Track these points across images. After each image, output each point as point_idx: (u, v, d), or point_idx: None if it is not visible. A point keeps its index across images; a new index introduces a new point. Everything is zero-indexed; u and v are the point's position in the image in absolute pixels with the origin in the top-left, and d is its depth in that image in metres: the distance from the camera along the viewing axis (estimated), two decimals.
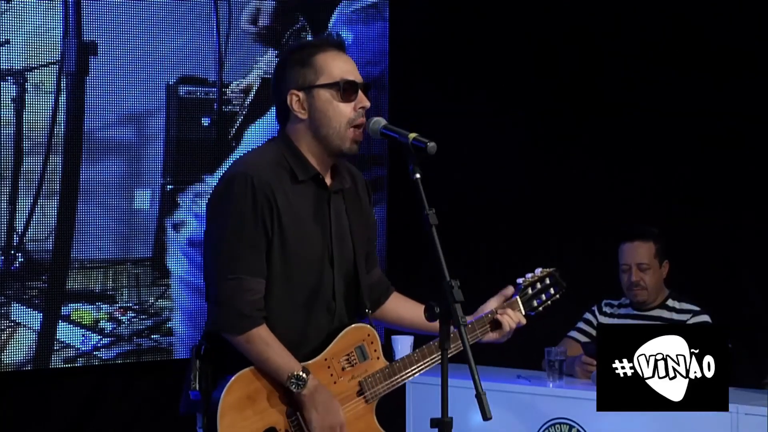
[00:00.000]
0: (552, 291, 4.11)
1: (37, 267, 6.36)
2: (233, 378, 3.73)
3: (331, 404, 3.73)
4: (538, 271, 4.11)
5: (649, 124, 6.78)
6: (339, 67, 3.78)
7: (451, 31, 7.25)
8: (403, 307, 4.12)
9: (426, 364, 3.92)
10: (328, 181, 3.84)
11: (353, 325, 3.85)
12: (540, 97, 7.05)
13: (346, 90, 3.76)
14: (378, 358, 3.88)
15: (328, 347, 3.81)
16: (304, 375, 3.70)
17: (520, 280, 4.08)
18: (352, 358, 3.84)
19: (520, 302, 4.04)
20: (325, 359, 3.80)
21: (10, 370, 6.27)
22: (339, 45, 3.83)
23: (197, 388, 3.76)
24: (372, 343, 3.87)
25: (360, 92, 3.78)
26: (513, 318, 3.98)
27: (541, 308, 4.10)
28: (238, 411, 3.72)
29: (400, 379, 3.89)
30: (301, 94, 3.77)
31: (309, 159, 3.80)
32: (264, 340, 3.72)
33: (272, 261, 3.74)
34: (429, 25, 7.28)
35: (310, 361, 3.78)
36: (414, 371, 3.90)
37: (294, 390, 3.70)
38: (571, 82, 6.99)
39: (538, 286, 4.09)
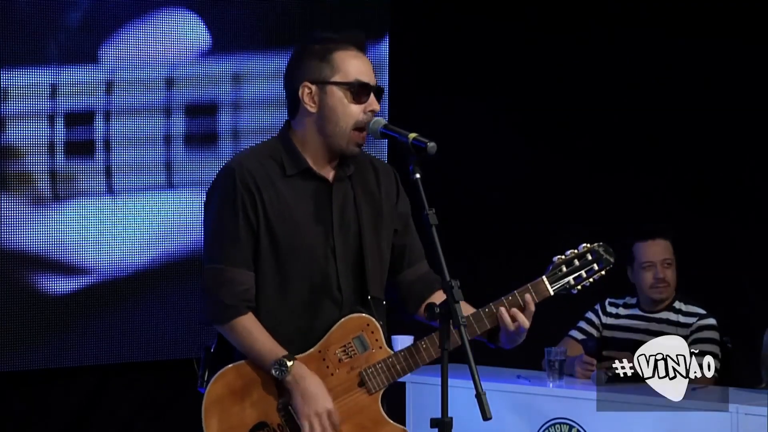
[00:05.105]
0: (596, 267, 3.81)
1: None
2: (218, 373, 3.71)
3: (318, 391, 3.66)
4: (581, 247, 3.84)
5: (651, 125, 6.78)
6: (356, 67, 3.75)
7: (451, 31, 7.26)
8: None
9: (432, 355, 3.73)
10: (328, 173, 3.81)
11: (349, 316, 3.75)
12: (540, 97, 7.05)
13: (358, 92, 3.74)
14: (380, 347, 3.75)
15: (322, 339, 3.74)
16: (287, 361, 3.66)
17: (555, 258, 3.82)
18: (350, 348, 3.74)
19: (546, 281, 3.78)
20: (320, 351, 3.73)
21: (10, 370, 6.27)
22: (360, 44, 3.79)
23: (204, 384, 3.74)
24: (373, 332, 3.75)
25: (372, 95, 3.76)
26: (516, 318, 3.71)
27: (580, 287, 3.81)
28: (223, 407, 3.70)
29: (405, 369, 3.75)
30: (314, 88, 3.75)
31: (304, 153, 3.77)
32: (247, 328, 3.69)
33: (262, 253, 3.72)
34: (430, 25, 7.28)
35: (303, 354, 3.72)
36: (418, 361, 3.73)
37: (278, 377, 3.66)
38: (571, 82, 6.99)
39: (576, 263, 3.81)
